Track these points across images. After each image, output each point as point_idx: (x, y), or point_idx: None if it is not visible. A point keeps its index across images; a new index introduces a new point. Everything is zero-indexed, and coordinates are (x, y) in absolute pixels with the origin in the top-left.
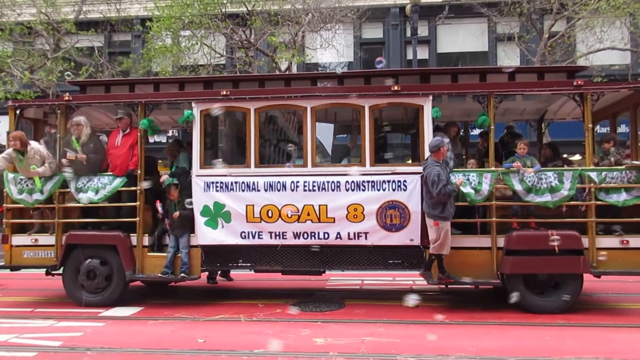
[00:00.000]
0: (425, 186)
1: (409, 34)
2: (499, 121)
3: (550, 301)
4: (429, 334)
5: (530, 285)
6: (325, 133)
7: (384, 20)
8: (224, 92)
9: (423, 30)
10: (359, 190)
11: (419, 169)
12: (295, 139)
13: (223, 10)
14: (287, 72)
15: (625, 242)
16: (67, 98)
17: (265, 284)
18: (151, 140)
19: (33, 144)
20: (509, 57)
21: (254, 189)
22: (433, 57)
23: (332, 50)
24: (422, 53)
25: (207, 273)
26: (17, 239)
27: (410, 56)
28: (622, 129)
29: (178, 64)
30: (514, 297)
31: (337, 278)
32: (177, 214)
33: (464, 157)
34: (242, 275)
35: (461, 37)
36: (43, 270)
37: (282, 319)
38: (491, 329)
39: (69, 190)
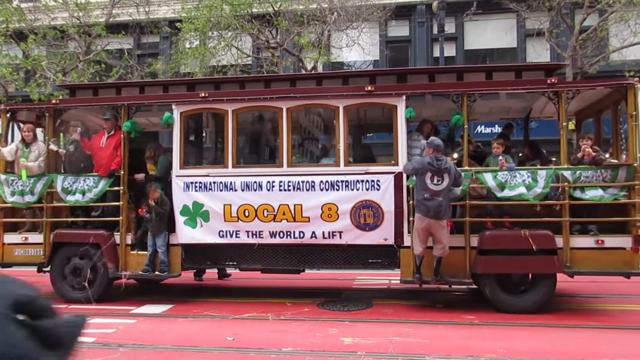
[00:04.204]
0: (448, 184)
1: (435, 31)
2: (486, 120)
3: (523, 300)
4: (458, 335)
5: (505, 284)
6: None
7: (410, 18)
8: (203, 94)
9: (450, 27)
10: (333, 189)
11: (393, 168)
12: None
13: (250, 11)
14: (314, 72)
15: (600, 241)
16: (54, 101)
17: (292, 282)
18: None
19: (40, 142)
20: (538, 53)
21: (232, 188)
22: (460, 54)
23: (358, 49)
24: (450, 50)
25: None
26: (9, 237)
27: (437, 53)
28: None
29: (206, 65)
30: None
31: (363, 278)
32: (142, 209)
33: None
34: (268, 274)
35: (489, 33)
36: None
37: (310, 318)
38: (522, 331)
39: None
